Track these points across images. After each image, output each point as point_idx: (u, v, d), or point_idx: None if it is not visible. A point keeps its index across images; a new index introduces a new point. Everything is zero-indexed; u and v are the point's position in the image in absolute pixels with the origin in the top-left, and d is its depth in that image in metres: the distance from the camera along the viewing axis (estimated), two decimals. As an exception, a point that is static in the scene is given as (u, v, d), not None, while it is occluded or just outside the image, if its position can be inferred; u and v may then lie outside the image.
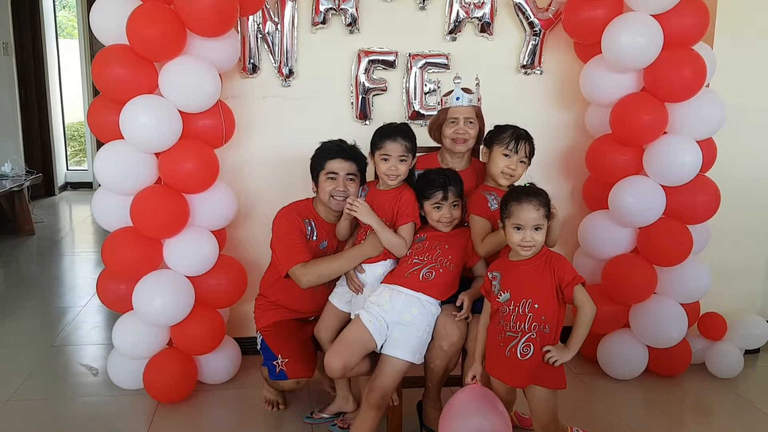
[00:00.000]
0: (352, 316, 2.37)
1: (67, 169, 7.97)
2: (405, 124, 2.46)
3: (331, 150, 2.52)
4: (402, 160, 2.37)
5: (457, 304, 2.32)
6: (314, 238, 2.55)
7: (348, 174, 2.50)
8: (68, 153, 8.08)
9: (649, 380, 3.02)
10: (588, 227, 3.03)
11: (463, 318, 2.30)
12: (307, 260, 2.44)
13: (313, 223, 2.55)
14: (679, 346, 2.97)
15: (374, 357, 2.35)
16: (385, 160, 2.37)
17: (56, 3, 7.73)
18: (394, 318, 2.26)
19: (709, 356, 3.09)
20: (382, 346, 2.28)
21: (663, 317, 2.90)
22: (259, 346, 2.64)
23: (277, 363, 2.49)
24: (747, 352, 3.17)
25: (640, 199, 2.79)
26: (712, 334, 3.10)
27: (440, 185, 2.31)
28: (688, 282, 2.93)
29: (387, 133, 2.39)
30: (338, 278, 2.51)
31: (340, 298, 2.52)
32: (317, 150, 2.56)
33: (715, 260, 3.05)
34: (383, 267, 2.41)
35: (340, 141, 2.57)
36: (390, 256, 2.38)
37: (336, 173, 2.49)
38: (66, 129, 7.95)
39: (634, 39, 2.64)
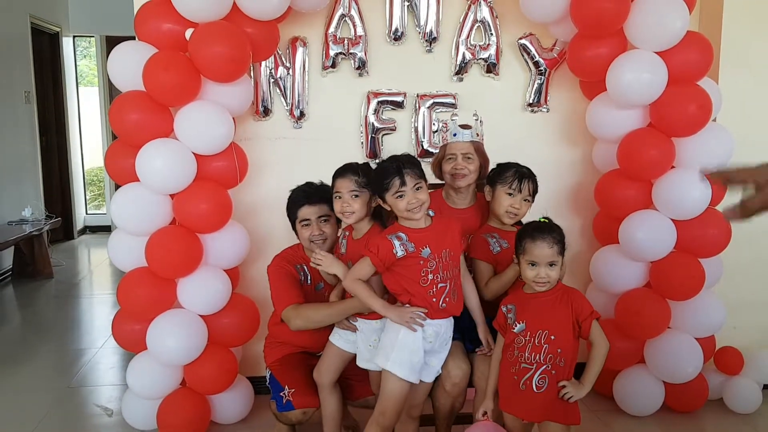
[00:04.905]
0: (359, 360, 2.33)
1: (86, 213, 8.09)
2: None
3: (297, 198, 2.53)
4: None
5: (483, 347, 2.31)
6: (308, 282, 2.56)
7: (320, 217, 2.50)
8: (87, 197, 8.21)
9: (666, 416, 2.98)
10: (599, 262, 3.03)
11: (485, 352, 2.29)
12: (299, 302, 2.41)
13: (305, 267, 2.57)
14: (695, 382, 2.93)
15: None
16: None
17: (77, 52, 7.96)
18: (440, 346, 2.21)
19: (727, 391, 3.05)
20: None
21: (678, 352, 2.88)
22: (267, 382, 2.64)
23: (284, 394, 2.47)
24: (765, 387, 3.13)
25: (650, 234, 2.80)
26: (729, 368, 3.06)
27: (395, 171, 2.10)
28: (703, 316, 2.90)
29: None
30: None
31: (341, 337, 2.40)
32: (288, 200, 2.56)
33: (729, 294, 3.03)
34: (380, 322, 2.28)
35: (307, 185, 2.56)
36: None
37: (308, 219, 2.50)
38: (85, 174, 8.11)
39: (639, 76, 2.67)
